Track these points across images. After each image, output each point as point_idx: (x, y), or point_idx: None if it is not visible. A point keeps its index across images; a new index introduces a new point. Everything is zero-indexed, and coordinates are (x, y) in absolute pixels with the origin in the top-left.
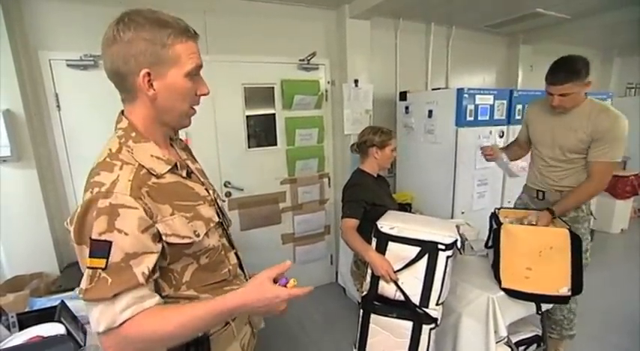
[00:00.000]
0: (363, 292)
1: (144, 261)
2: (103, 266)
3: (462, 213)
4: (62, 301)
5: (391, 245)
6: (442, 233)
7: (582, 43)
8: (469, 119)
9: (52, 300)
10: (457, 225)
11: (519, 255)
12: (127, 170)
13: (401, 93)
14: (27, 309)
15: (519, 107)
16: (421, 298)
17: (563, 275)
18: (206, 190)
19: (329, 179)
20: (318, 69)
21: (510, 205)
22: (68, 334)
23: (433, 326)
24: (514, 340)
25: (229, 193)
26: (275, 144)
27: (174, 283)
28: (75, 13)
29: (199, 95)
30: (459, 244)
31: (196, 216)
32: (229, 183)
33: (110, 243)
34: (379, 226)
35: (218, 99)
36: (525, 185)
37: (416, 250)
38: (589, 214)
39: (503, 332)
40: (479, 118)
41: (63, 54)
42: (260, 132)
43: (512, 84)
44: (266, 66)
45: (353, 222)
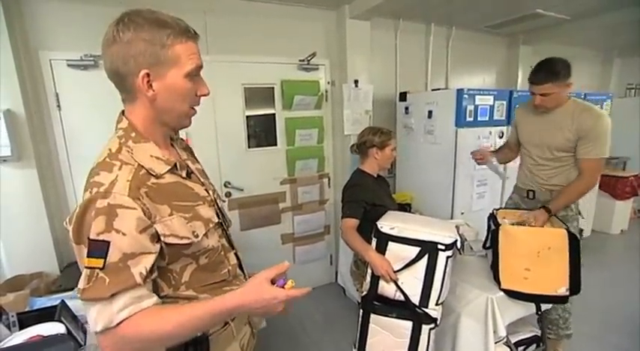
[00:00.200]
0: (363, 292)
1: (142, 261)
2: (101, 266)
3: (462, 213)
4: (62, 301)
5: (391, 245)
6: (442, 233)
7: (582, 44)
8: (469, 120)
9: (52, 299)
10: (457, 225)
11: (518, 256)
12: (126, 170)
13: (401, 93)
14: (27, 308)
15: None
16: (421, 298)
17: (561, 275)
18: (206, 191)
19: (329, 179)
20: (318, 69)
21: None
22: (68, 334)
23: (433, 326)
24: (513, 341)
25: (229, 193)
26: (275, 144)
27: (173, 283)
28: (75, 13)
29: (199, 96)
30: (459, 245)
31: (195, 216)
32: (229, 183)
33: (108, 243)
34: (379, 226)
35: (218, 99)
36: (515, 185)
37: (416, 250)
38: (577, 214)
39: (502, 332)
40: (479, 119)
41: (63, 54)
42: (260, 132)
43: (512, 85)
44: (266, 66)
45: (353, 222)
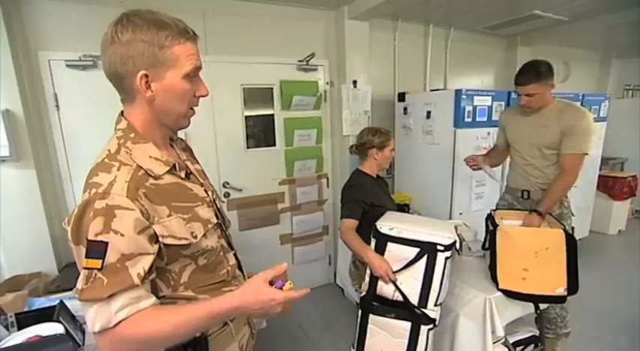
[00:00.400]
0: (362, 293)
1: (140, 262)
2: (99, 267)
3: (460, 214)
4: (61, 301)
5: (390, 246)
6: (441, 234)
7: (580, 45)
8: (467, 120)
9: (51, 300)
10: (455, 226)
11: (515, 256)
12: (125, 171)
13: (399, 94)
14: (25, 309)
15: None
16: (420, 299)
17: (559, 275)
18: (205, 191)
19: (327, 180)
20: (316, 70)
21: None
22: (67, 334)
23: (431, 327)
24: (511, 341)
25: (228, 194)
26: (274, 144)
27: (172, 284)
28: (74, 14)
29: (198, 96)
30: (457, 245)
31: (194, 217)
32: (228, 183)
33: (106, 244)
34: (378, 227)
35: (217, 99)
36: (507, 186)
37: (415, 251)
38: (570, 213)
39: (500, 332)
40: (477, 119)
41: (62, 54)
42: (259, 132)
43: (510, 85)
44: (265, 67)
45: (352, 223)
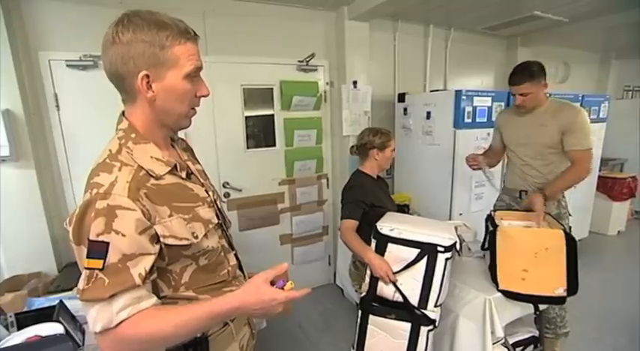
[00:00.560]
0: (362, 293)
1: (141, 262)
2: (100, 267)
3: (460, 214)
4: (61, 301)
5: (390, 247)
6: (441, 235)
7: (580, 46)
8: (467, 121)
9: (51, 300)
10: (455, 226)
11: (515, 257)
12: (126, 171)
13: (399, 94)
14: (25, 309)
15: None
16: (420, 300)
17: (558, 276)
18: (206, 192)
19: (327, 180)
20: (316, 70)
21: None
22: (67, 334)
23: (431, 328)
24: (511, 341)
25: (228, 194)
26: (274, 145)
27: (173, 284)
28: (75, 14)
29: (199, 96)
30: (458, 246)
31: (195, 217)
32: (228, 184)
33: (107, 244)
34: (379, 228)
35: (217, 100)
36: (504, 187)
37: (415, 252)
38: (568, 213)
39: (499, 333)
40: (477, 120)
41: (62, 54)
42: (259, 133)
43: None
44: (265, 67)
45: (352, 223)
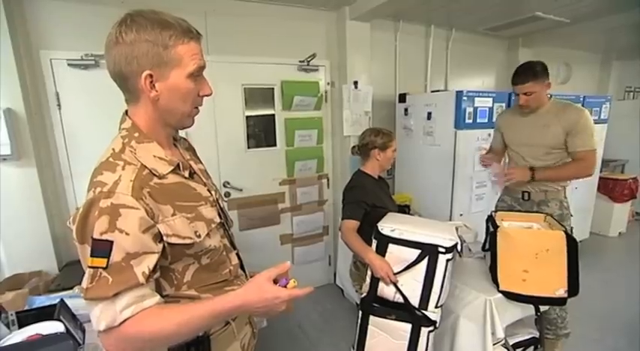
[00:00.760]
0: (363, 294)
1: (144, 261)
2: (104, 266)
3: (461, 215)
4: (61, 300)
5: (391, 247)
6: (443, 236)
7: (581, 47)
8: (468, 122)
9: (51, 298)
10: (456, 227)
11: (516, 257)
12: (129, 170)
13: (400, 95)
14: (26, 307)
15: None
16: (420, 301)
17: (559, 277)
18: (208, 191)
19: (328, 180)
20: (317, 70)
21: None
22: (67, 333)
23: (432, 329)
24: (511, 342)
25: (228, 194)
26: (274, 145)
27: (175, 283)
28: (76, 13)
29: (202, 96)
30: (459, 247)
31: (198, 217)
32: (228, 183)
33: (111, 243)
34: (380, 228)
35: (218, 99)
36: (506, 187)
37: (416, 253)
38: (570, 214)
39: (500, 334)
40: (478, 121)
41: (64, 53)
42: (259, 132)
43: (511, 87)
44: (266, 67)
45: (353, 224)
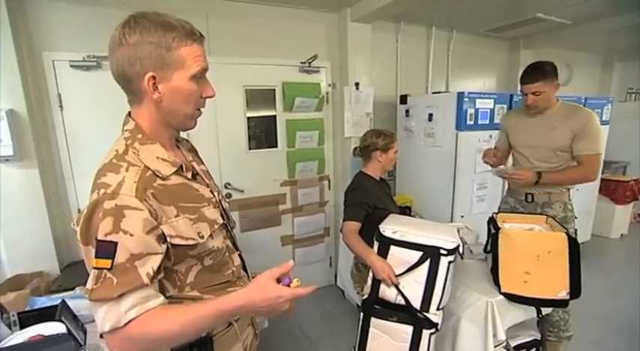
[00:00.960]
0: (364, 296)
1: (149, 261)
2: (109, 267)
3: (462, 216)
4: (63, 301)
5: (393, 249)
6: (444, 238)
7: (583, 48)
8: (469, 123)
9: (53, 299)
10: (457, 228)
11: (517, 259)
12: (133, 172)
13: (401, 96)
14: (27, 308)
15: None
16: (422, 303)
17: (561, 279)
18: (211, 192)
19: (329, 181)
20: (319, 72)
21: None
22: (69, 334)
23: (433, 331)
24: (513, 345)
25: (230, 195)
26: (275, 146)
27: (178, 284)
28: (79, 15)
29: (205, 97)
30: (460, 249)
31: (201, 218)
32: (230, 184)
33: (116, 244)
34: (381, 230)
35: (219, 101)
36: (509, 189)
37: (418, 255)
38: (574, 216)
39: (501, 336)
40: (479, 122)
41: (66, 55)
42: (261, 134)
43: (512, 88)
44: (267, 68)
45: (355, 225)
